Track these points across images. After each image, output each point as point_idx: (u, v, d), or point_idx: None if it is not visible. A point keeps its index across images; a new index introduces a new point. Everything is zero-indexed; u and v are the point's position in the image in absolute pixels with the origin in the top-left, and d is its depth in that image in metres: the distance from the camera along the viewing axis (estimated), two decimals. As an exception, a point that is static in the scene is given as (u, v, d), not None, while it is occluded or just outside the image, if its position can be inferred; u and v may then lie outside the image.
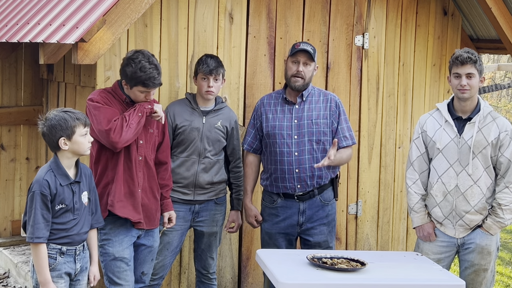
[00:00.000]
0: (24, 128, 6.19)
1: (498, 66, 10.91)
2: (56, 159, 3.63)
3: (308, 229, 4.54)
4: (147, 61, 3.94)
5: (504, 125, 4.21)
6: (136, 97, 4.02)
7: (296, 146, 4.46)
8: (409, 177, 4.39)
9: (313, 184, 4.48)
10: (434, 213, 4.33)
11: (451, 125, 4.24)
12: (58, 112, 3.62)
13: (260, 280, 5.36)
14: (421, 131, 4.36)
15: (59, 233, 3.59)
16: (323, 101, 4.53)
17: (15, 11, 5.20)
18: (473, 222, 4.24)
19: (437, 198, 4.29)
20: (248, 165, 4.67)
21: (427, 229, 4.35)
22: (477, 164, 4.19)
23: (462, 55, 4.13)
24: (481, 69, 4.17)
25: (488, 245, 4.24)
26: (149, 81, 3.94)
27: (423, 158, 4.36)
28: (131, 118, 3.89)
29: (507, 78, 16.91)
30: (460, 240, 4.29)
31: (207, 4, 4.90)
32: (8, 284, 5.74)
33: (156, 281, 4.53)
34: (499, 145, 4.18)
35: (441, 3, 6.13)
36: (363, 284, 3.69)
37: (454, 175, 4.23)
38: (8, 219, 6.22)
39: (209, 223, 4.61)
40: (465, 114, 4.25)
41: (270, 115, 4.54)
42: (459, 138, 4.21)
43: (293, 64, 4.46)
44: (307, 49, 4.41)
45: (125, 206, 4.02)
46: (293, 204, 4.51)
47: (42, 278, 3.55)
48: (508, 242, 8.38)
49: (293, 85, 4.46)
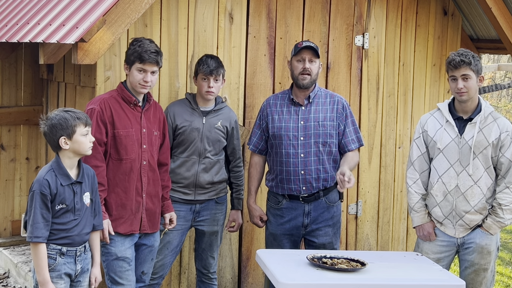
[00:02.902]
0: (24, 128, 6.19)
1: (498, 66, 10.91)
2: (57, 159, 3.63)
3: (313, 231, 4.53)
4: (148, 41, 4.05)
5: (505, 125, 4.21)
6: (134, 79, 4.02)
7: (302, 148, 4.44)
8: (410, 176, 4.39)
9: (318, 186, 4.47)
10: (434, 213, 4.33)
11: (452, 125, 4.24)
12: (59, 112, 3.62)
13: (260, 280, 5.36)
14: (422, 130, 4.36)
15: (59, 234, 3.58)
16: (330, 103, 4.51)
17: (15, 11, 5.20)
18: (473, 222, 4.24)
19: (437, 198, 4.29)
20: (252, 166, 4.66)
21: (427, 228, 4.36)
22: (478, 164, 4.19)
23: (454, 59, 4.13)
24: (477, 69, 4.15)
25: (488, 245, 4.24)
26: (145, 54, 3.96)
27: (424, 158, 4.36)
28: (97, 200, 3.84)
29: (507, 78, 16.91)
30: (460, 239, 4.29)
31: (207, 4, 4.90)
32: (8, 284, 5.74)
33: (156, 280, 4.53)
34: (500, 146, 4.18)
35: (441, 3, 6.13)
36: (363, 284, 3.68)
37: (454, 175, 4.23)
38: (8, 219, 6.22)
39: (210, 222, 4.61)
40: (466, 114, 4.25)
41: (276, 116, 4.52)
42: (460, 138, 4.21)
43: (298, 62, 4.44)
44: (311, 45, 4.41)
45: (115, 221, 4.04)
46: (298, 205, 4.50)
47: (41, 278, 3.54)
48: (508, 242, 8.38)
49: (301, 83, 4.43)
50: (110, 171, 4.03)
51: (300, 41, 4.80)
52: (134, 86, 4.04)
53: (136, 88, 4.05)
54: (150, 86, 4.06)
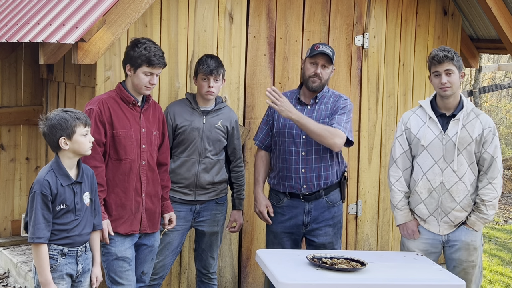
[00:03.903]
0: (24, 128, 6.19)
1: (498, 66, 10.92)
2: (57, 159, 3.62)
3: (313, 230, 4.54)
4: (152, 43, 4.05)
5: (487, 121, 4.25)
6: (140, 81, 4.02)
7: (304, 146, 4.45)
8: (392, 174, 4.41)
9: (319, 184, 4.48)
10: (419, 210, 4.34)
11: (435, 122, 4.27)
12: (59, 112, 3.62)
13: (260, 280, 5.36)
14: (404, 128, 4.38)
15: (60, 234, 3.58)
16: (332, 102, 4.53)
17: (15, 11, 5.20)
18: (458, 219, 4.26)
19: (422, 195, 4.30)
20: (259, 158, 4.66)
21: (411, 226, 4.37)
22: (462, 160, 4.21)
23: (438, 54, 4.18)
24: (459, 65, 4.22)
25: (473, 241, 4.27)
26: (154, 58, 3.97)
27: (407, 155, 4.37)
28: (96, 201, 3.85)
29: (507, 78, 16.91)
30: (444, 237, 4.31)
31: (207, 4, 4.90)
32: (8, 284, 5.74)
33: (156, 281, 4.53)
34: (483, 142, 4.22)
35: (441, 3, 6.13)
36: (363, 284, 3.69)
37: (439, 171, 4.24)
38: (8, 219, 6.22)
39: (210, 223, 4.61)
40: (449, 111, 4.28)
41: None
42: (443, 135, 4.23)
43: (311, 65, 4.46)
44: (326, 52, 4.42)
45: (115, 221, 4.04)
46: (299, 204, 4.51)
47: (43, 278, 3.54)
48: (508, 242, 8.38)
49: (310, 85, 4.46)
50: (110, 171, 4.03)
51: (317, 43, 4.66)
52: (139, 88, 4.04)
53: (140, 90, 4.05)
54: (153, 87, 4.08)
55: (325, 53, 4.41)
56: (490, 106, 17.32)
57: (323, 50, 4.42)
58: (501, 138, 16.36)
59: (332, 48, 4.52)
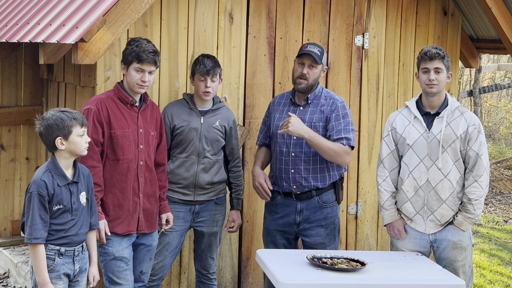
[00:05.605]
0: (24, 128, 6.19)
1: (498, 66, 10.93)
2: (53, 160, 3.62)
3: (305, 229, 4.56)
4: (145, 41, 4.05)
5: (472, 119, 4.27)
6: (131, 79, 4.02)
7: (294, 147, 4.48)
8: (379, 174, 4.43)
9: (309, 186, 4.49)
10: (405, 209, 4.35)
11: (420, 121, 4.29)
12: (55, 112, 3.61)
13: (260, 280, 5.36)
14: (390, 128, 4.40)
15: (57, 234, 3.58)
16: (325, 105, 4.53)
17: (15, 11, 5.20)
18: (444, 217, 4.26)
19: (408, 194, 4.32)
20: (259, 150, 4.72)
21: (397, 226, 4.38)
22: (447, 158, 4.22)
23: (430, 50, 4.22)
24: (448, 65, 4.26)
25: (461, 241, 4.27)
26: (143, 54, 3.96)
27: (393, 155, 4.39)
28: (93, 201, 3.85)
29: (507, 78, 16.92)
30: (431, 236, 4.31)
31: (207, 4, 4.90)
32: (8, 284, 5.74)
33: (156, 281, 4.53)
34: (468, 139, 4.23)
35: (441, 3, 6.13)
36: (363, 284, 3.69)
37: (424, 169, 4.26)
38: (8, 219, 6.23)
39: (209, 223, 4.61)
40: (433, 110, 4.30)
41: (277, 115, 4.60)
42: (428, 133, 4.25)
43: (299, 66, 4.48)
44: (311, 52, 4.42)
45: (113, 221, 4.04)
46: (292, 202, 4.55)
47: (40, 279, 3.53)
48: (508, 242, 8.38)
49: (297, 87, 4.50)
50: (107, 171, 4.03)
51: (306, 43, 4.72)
52: (132, 86, 4.04)
53: (133, 88, 4.05)
54: (147, 86, 4.07)
55: (311, 53, 4.41)
56: (490, 106, 17.34)
57: (309, 50, 4.43)
58: (501, 138, 16.37)
59: (322, 47, 4.52)
